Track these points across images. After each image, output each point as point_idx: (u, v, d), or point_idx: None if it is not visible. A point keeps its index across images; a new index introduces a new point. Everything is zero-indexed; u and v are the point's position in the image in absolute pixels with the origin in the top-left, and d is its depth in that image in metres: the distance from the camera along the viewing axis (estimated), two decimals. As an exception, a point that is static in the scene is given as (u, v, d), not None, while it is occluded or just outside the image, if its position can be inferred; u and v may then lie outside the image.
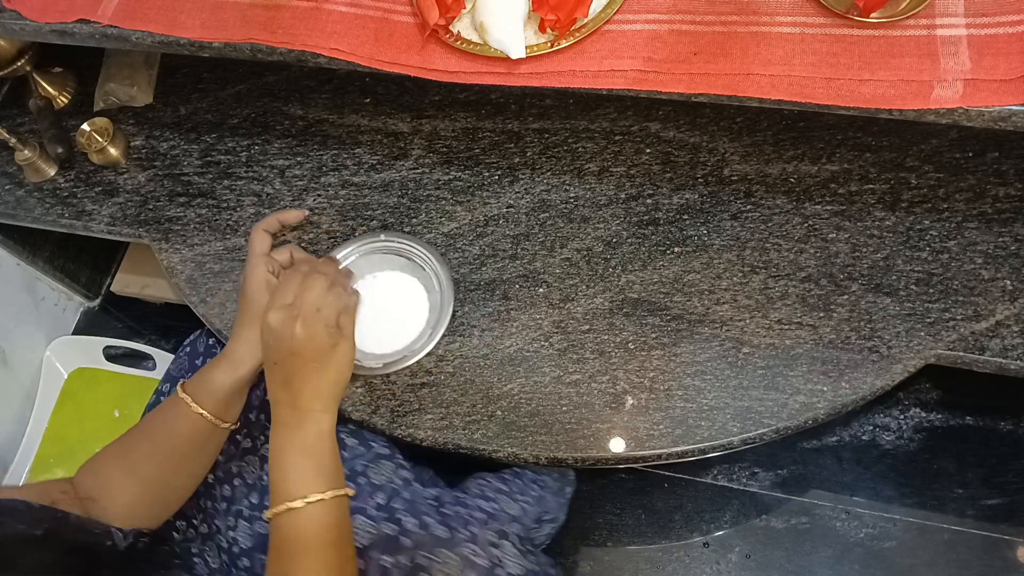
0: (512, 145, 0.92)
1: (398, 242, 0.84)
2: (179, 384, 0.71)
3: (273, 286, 0.73)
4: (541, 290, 0.83)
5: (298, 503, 0.61)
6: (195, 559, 0.77)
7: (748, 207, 0.85)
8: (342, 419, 0.78)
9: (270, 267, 0.75)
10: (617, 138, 0.90)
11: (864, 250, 0.81)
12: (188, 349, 0.93)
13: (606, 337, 0.80)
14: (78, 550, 0.61)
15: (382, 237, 0.85)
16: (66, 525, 0.60)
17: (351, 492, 0.65)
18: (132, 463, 0.68)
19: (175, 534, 0.79)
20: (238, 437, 0.81)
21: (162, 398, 0.89)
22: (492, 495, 0.84)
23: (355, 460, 0.80)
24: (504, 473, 0.88)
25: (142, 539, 0.67)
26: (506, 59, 0.62)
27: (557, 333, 0.81)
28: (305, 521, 0.61)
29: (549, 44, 0.62)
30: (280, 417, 0.65)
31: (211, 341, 0.92)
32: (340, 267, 0.81)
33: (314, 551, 0.61)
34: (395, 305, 0.84)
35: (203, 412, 0.69)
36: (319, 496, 0.61)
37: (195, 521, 0.80)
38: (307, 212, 0.87)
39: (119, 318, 1.40)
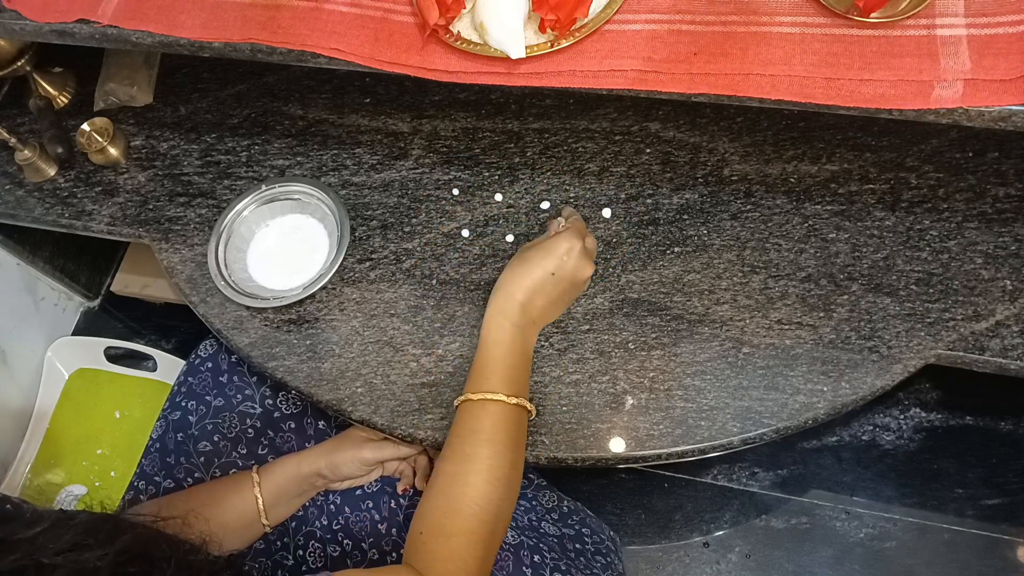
0: (512, 145, 0.92)
1: (280, 187, 0.90)
2: (254, 468, 0.78)
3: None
4: (541, 290, 0.83)
5: (499, 396, 0.68)
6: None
7: (748, 207, 0.85)
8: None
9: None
10: (617, 138, 0.90)
11: (864, 250, 0.81)
12: (210, 365, 0.91)
13: (606, 337, 0.80)
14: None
15: (263, 187, 0.90)
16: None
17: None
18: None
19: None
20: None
21: (177, 413, 0.89)
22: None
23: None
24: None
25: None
26: (506, 59, 0.62)
27: (557, 333, 0.80)
28: (501, 413, 0.68)
29: (549, 44, 0.62)
30: (508, 313, 0.72)
31: (239, 369, 0.90)
32: None
33: (503, 443, 0.67)
34: (299, 240, 0.90)
35: (259, 496, 0.75)
36: (516, 400, 0.69)
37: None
38: None
39: (119, 318, 1.40)
